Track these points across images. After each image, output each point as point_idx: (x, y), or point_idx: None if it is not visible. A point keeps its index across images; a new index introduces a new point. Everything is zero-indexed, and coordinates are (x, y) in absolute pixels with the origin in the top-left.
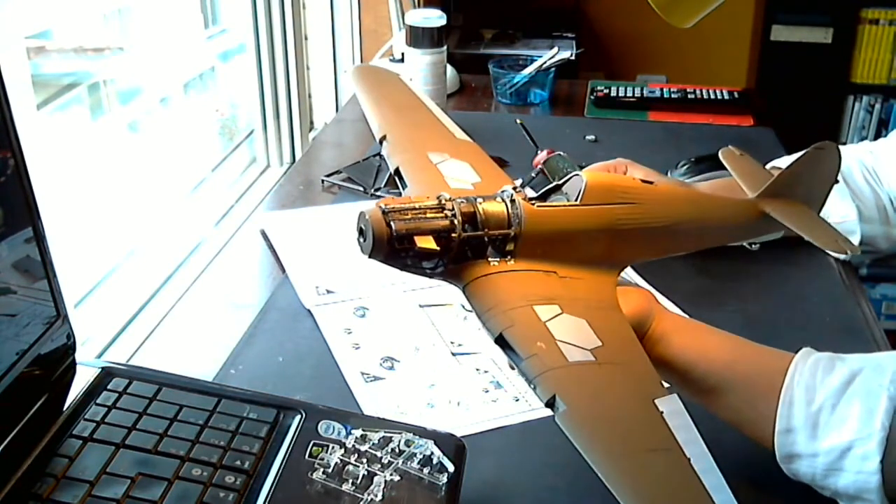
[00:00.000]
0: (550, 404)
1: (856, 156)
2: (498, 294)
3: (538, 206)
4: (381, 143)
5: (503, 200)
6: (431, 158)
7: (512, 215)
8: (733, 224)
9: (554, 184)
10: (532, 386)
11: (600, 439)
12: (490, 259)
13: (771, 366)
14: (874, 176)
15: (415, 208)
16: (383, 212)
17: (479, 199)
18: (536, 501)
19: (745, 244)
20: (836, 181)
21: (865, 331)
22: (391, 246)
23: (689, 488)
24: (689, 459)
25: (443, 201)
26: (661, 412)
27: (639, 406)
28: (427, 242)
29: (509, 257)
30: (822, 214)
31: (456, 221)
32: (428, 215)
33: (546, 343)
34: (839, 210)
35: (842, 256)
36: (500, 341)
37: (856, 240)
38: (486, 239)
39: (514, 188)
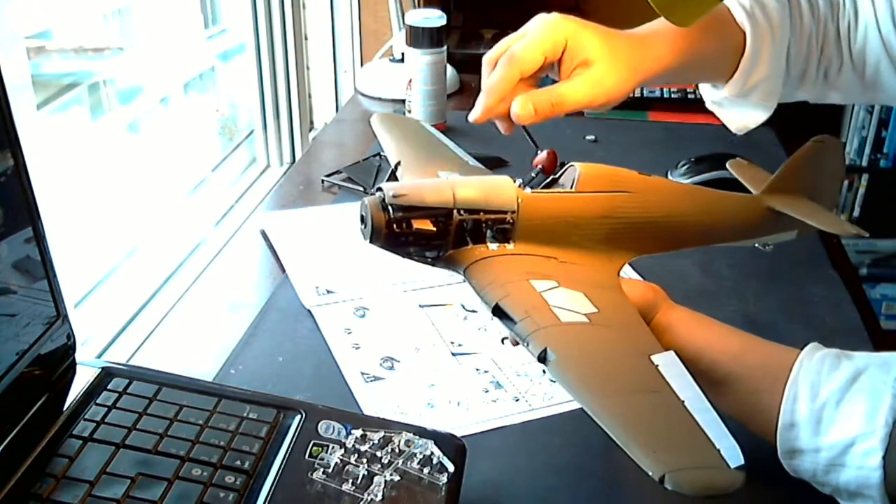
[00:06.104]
0: (542, 359)
1: None
2: (496, 272)
3: (534, 192)
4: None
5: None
6: None
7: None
8: (739, 220)
9: (551, 178)
10: (525, 344)
11: (589, 381)
12: (489, 244)
13: (777, 360)
14: None
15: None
16: (381, 198)
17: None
18: (536, 501)
19: (757, 245)
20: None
21: (865, 331)
22: (390, 230)
23: (679, 422)
24: (682, 402)
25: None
26: (656, 365)
27: (631, 358)
28: (424, 224)
29: (508, 242)
30: None
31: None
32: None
33: (540, 307)
34: None
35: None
36: (497, 311)
37: None
38: (483, 222)
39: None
